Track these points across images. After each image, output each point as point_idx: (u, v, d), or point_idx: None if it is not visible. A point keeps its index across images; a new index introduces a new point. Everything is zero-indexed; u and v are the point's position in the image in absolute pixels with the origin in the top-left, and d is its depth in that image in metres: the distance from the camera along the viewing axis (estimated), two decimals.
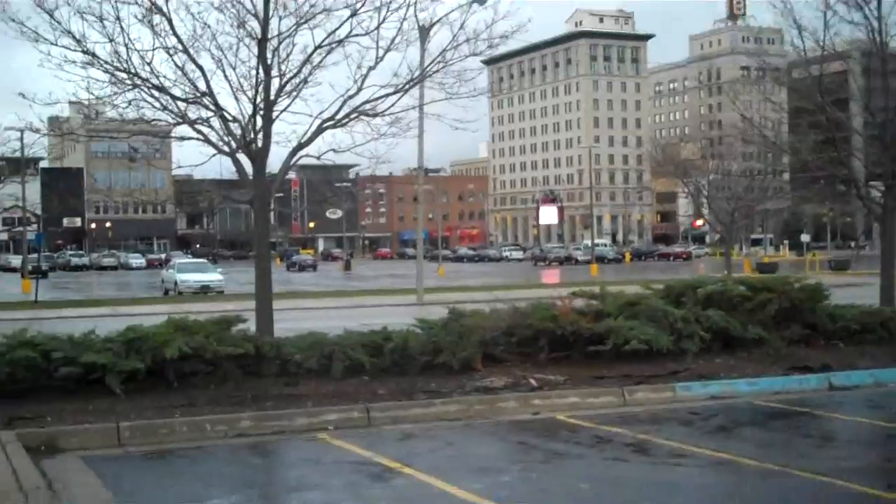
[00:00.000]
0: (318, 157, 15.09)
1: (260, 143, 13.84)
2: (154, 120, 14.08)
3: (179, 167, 14.58)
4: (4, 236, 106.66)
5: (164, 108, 13.95)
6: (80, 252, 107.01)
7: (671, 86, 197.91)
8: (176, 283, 43.28)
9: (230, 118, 14.05)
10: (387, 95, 14.80)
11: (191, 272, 44.23)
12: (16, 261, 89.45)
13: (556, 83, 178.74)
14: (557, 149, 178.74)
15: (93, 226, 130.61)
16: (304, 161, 15.49)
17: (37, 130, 16.22)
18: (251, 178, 14.19)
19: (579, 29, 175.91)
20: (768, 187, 72.56)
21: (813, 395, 13.89)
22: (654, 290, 17.18)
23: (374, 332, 14.57)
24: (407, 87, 14.76)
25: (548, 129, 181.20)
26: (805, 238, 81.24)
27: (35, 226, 65.32)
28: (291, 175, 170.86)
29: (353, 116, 14.79)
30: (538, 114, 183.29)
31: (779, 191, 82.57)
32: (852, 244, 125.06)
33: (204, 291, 42.60)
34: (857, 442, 11.31)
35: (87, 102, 15.31)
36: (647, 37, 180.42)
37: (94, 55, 13.92)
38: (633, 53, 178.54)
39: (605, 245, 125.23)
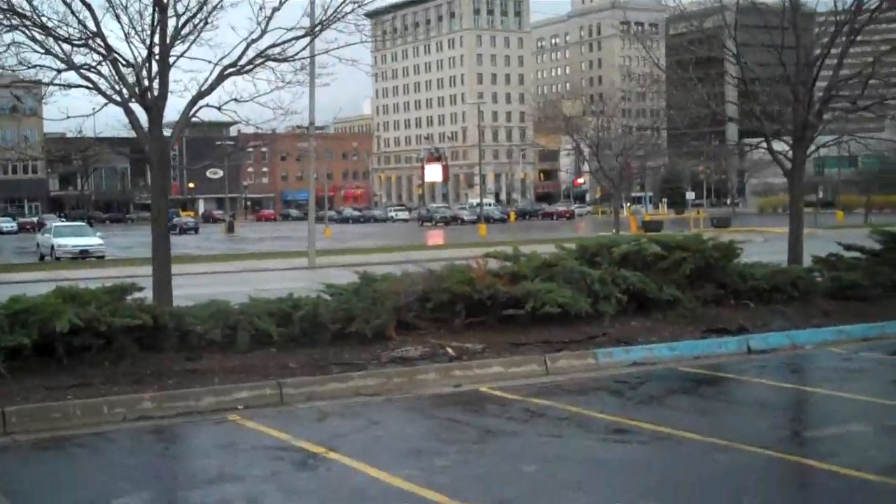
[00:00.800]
0: (220, 108, 13.98)
1: (156, 92, 12.66)
2: (37, 66, 12.73)
3: (68, 117, 13.16)
4: None
5: (48, 52, 12.62)
6: None
7: (553, 41, 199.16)
8: (53, 247, 41.08)
9: (123, 63, 12.82)
10: (295, 39, 13.82)
11: (68, 236, 42.04)
12: None
13: (439, 37, 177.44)
14: (442, 105, 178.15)
15: None
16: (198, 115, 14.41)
17: None
18: (146, 131, 12.99)
19: None
20: (650, 143, 73.44)
21: (734, 359, 13.65)
22: (567, 250, 16.70)
23: (281, 300, 13.69)
24: (318, 29, 13.75)
25: (432, 85, 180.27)
26: (690, 196, 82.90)
27: None
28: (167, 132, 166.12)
29: (257, 62, 13.74)
30: (422, 69, 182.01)
31: (656, 147, 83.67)
32: (727, 202, 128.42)
33: (83, 256, 40.61)
34: (791, 410, 11.05)
35: None
36: None
37: None
38: (515, 6, 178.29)
39: (490, 204, 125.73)
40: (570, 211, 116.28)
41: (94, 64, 12.68)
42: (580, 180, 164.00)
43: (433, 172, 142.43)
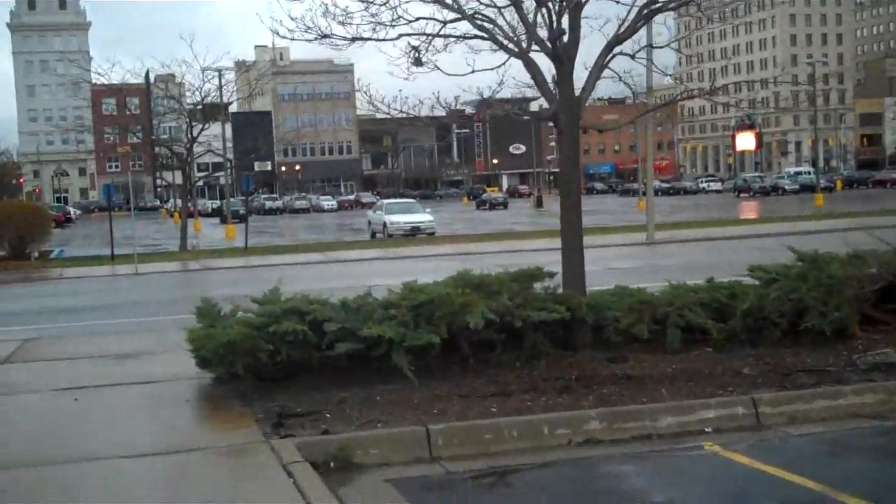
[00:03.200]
0: (633, 56, 11.60)
1: (566, 38, 10.47)
2: (420, 18, 10.88)
3: (473, 71, 11.03)
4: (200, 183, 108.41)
5: (436, 1, 10.74)
6: (274, 196, 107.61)
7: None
8: (385, 224, 40.92)
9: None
10: None
11: (400, 213, 41.78)
12: (212, 205, 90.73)
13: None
14: (751, 70, 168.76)
15: (282, 169, 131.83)
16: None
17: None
18: (552, 86, 10.81)
19: None
20: None
21: None
22: None
23: (715, 287, 11.12)
24: None
25: (740, 49, 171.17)
26: None
27: (227, 171, 64.89)
28: (471, 110, 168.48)
29: None
30: (729, 33, 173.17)
31: None
32: None
33: (414, 233, 40.12)
34: None
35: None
36: None
37: None
38: None
39: (808, 173, 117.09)
40: None
41: (489, 4, 10.61)
42: None
43: (745, 141, 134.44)
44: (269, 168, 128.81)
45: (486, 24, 10.90)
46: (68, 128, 73.82)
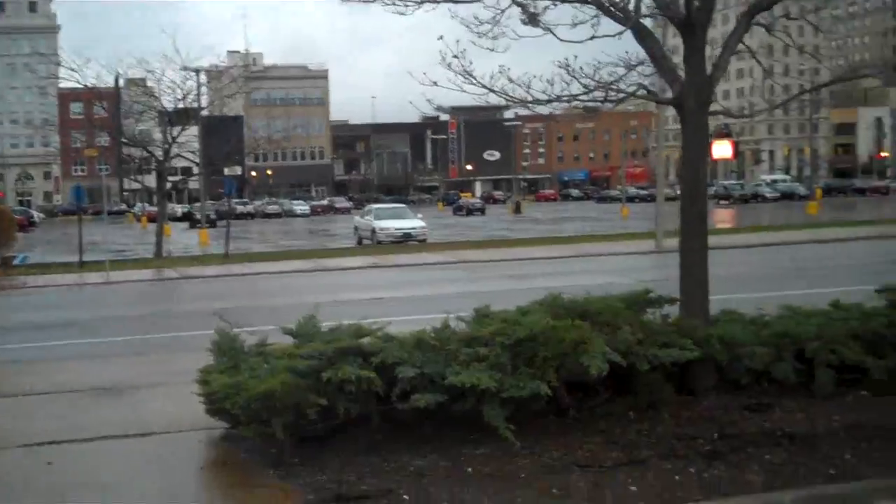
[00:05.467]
0: (769, 28, 9.31)
1: (696, 2, 8.15)
2: None
3: (575, 24, 8.47)
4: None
5: None
6: (245, 200, 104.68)
7: (850, 9, 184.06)
8: (374, 230, 38.37)
9: None
10: None
11: (390, 218, 39.24)
12: (182, 210, 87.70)
13: None
14: (727, 80, 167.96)
15: (253, 174, 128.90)
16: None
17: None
18: (682, 59, 8.45)
19: None
20: None
21: None
22: None
23: (868, 315, 8.83)
24: None
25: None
26: None
27: (200, 175, 62.14)
28: (445, 117, 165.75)
29: None
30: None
31: None
32: None
33: (405, 240, 37.67)
34: None
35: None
36: None
37: None
38: None
39: (786, 180, 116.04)
40: (884, 186, 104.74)
41: None
42: (884, 153, 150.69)
43: (722, 149, 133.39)
44: (239, 172, 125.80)
45: None
46: (36, 126, 70.77)
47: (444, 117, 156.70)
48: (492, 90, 8.35)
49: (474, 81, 8.24)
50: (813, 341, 8.31)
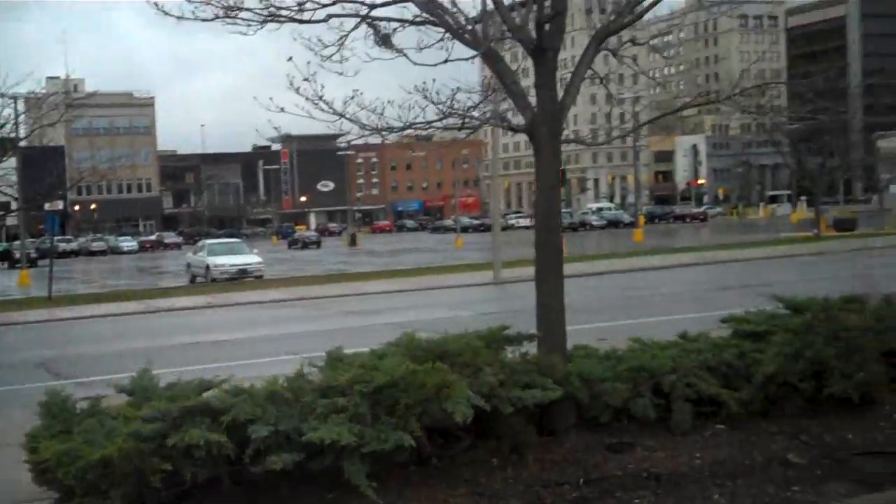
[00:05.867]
0: (615, 53, 9.25)
1: (547, 27, 7.98)
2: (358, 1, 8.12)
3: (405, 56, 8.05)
4: None
5: None
6: (68, 237, 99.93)
7: (665, 38, 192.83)
8: (208, 267, 37.12)
9: None
10: None
11: (225, 254, 38.05)
12: None
13: None
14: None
15: (76, 208, 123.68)
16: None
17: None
18: (533, 87, 8.25)
19: None
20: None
21: None
22: None
23: (719, 346, 8.88)
24: None
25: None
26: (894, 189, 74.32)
27: (14, 211, 59.02)
28: (277, 146, 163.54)
29: None
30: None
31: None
32: (866, 198, 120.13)
33: (241, 276, 36.65)
34: None
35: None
36: None
37: None
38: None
39: (610, 208, 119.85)
40: (702, 213, 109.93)
41: None
42: (700, 181, 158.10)
43: None
44: (61, 207, 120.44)
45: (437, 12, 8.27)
46: None
47: (276, 147, 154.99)
48: (343, 116, 7.96)
49: (324, 107, 7.84)
50: (669, 375, 8.28)
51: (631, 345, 9.34)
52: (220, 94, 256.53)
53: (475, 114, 8.61)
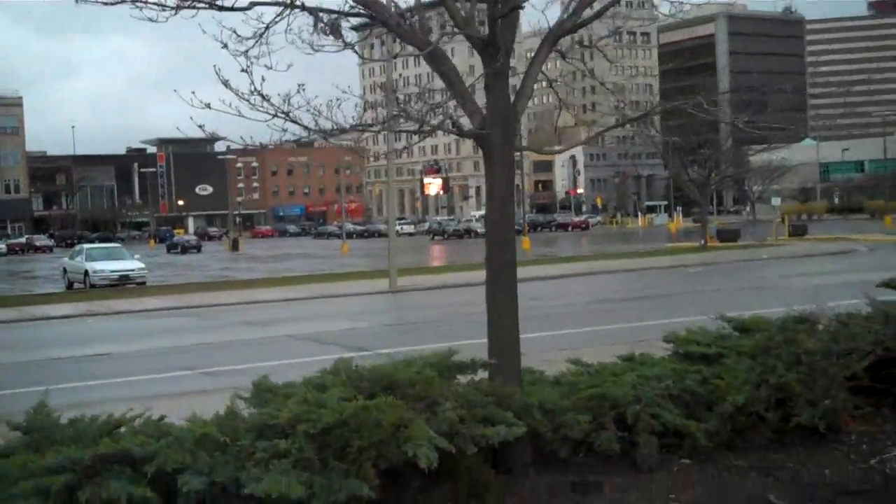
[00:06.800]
0: (564, 56, 8.48)
1: (500, 18, 7.13)
2: None
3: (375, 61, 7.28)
4: None
5: None
6: None
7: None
8: (87, 272, 35.03)
9: None
10: None
11: (104, 259, 36.01)
12: None
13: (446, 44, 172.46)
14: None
15: None
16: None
17: None
18: (484, 85, 7.41)
19: None
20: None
21: None
22: None
23: (681, 370, 8.21)
24: None
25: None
26: (776, 201, 76.84)
27: None
28: (153, 149, 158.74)
29: None
30: (426, 78, 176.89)
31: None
32: (745, 209, 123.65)
33: (122, 283, 34.75)
34: None
35: None
36: None
37: None
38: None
39: None
40: (585, 221, 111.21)
41: None
42: (579, 190, 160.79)
43: (433, 185, 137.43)
44: None
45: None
46: None
47: (151, 149, 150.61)
48: (287, 115, 6.96)
49: (263, 106, 6.82)
50: (633, 405, 7.56)
51: (571, 367, 8.66)
52: (93, 96, 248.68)
53: (428, 118, 7.74)
